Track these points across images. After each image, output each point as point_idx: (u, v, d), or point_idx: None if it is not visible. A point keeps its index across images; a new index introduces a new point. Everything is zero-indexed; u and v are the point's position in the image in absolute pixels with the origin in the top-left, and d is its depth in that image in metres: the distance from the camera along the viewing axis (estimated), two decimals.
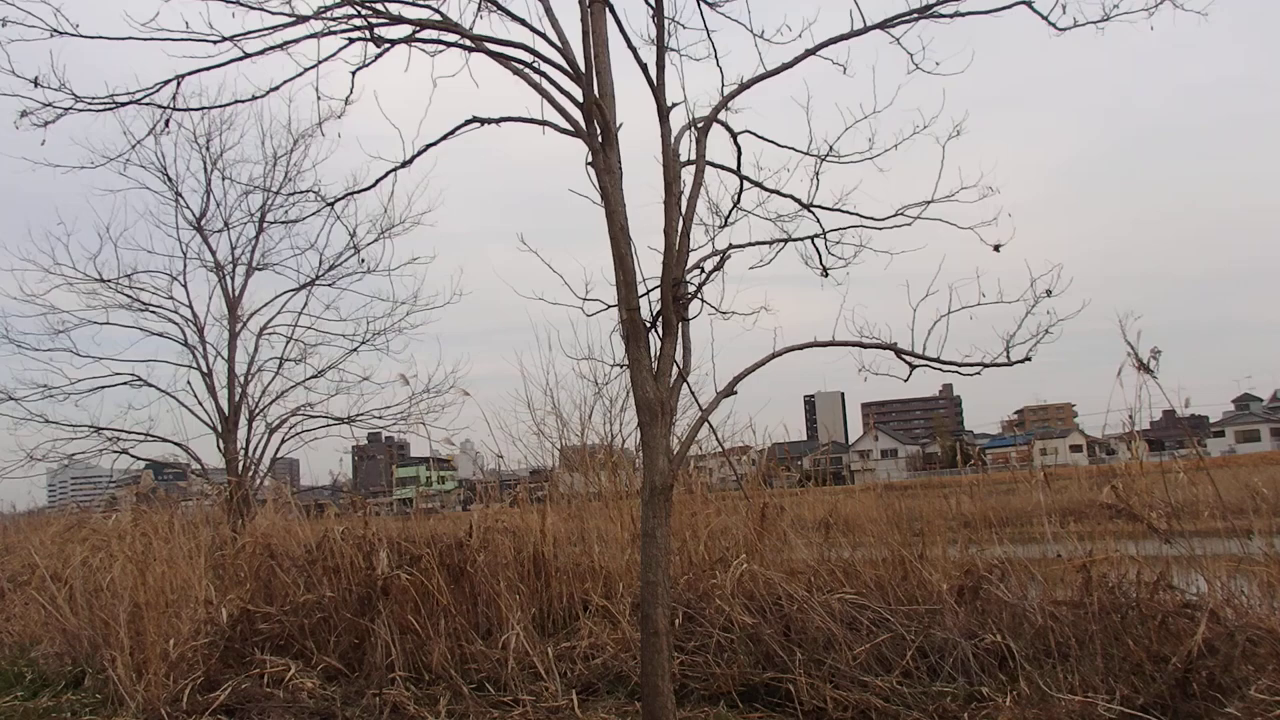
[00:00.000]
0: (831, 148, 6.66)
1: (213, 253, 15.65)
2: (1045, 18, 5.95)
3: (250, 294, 15.86)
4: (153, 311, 15.51)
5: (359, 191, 6.86)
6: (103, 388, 15.16)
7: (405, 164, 6.17)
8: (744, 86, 6.08)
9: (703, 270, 5.97)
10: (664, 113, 5.77)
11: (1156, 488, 7.22)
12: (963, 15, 5.88)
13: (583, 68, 5.52)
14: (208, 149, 15.62)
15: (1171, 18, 5.59)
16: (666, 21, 6.10)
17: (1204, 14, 5.53)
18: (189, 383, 15.30)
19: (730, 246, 6.18)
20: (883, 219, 6.70)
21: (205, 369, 15.35)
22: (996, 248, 6.55)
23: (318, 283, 15.86)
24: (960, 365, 6.06)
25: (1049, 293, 6.05)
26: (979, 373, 6.20)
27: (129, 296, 15.32)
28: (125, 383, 15.21)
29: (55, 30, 5.88)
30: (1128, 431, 7.44)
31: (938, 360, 6.05)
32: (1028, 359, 6.06)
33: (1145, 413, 7.04)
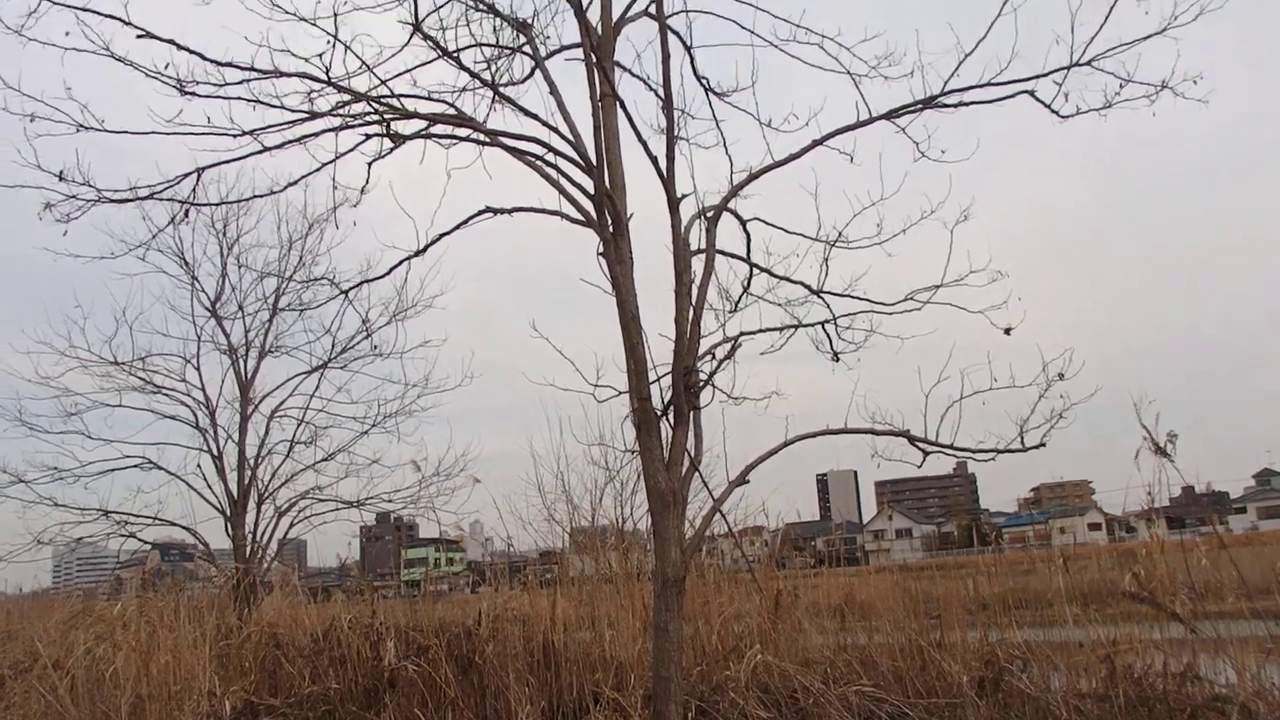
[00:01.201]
0: (840, 234, 6.73)
1: (226, 336, 15.74)
2: (1048, 106, 6.04)
3: (262, 377, 15.88)
4: (165, 394, 15.53)
5: (373, 280, 6.94)
6: (113, 470, 15.11)
7: (419, 253, 6.24)
8: (752, 177, 6.16)
9: (714, 357, 5.97)
10: (674, 204, 5.83)
11: (1178, 569, 7.08)
12: (966, 105, 5.98)
13: (594, 160, 5.60)
14: (224, 234, 15.82)
15: (1173, 104, 5.67)
16: (675, 113, 6.21)
17: (1204, 101, 5.61)
18: (199, 466, 15.24)
19: (741, 334, 6.20)
20: (892, 304, 6.73)
21: (216, 452, 15.31)
22: (1007, 331, 6.56)
23: (329, 366, 15.88)
24: (974, 452, 6.02)
25: (1061, 376, 6.04)
26: (993, 459, 6.15)
27: (142, 379, 15.36)
28: (136, 465, 15.16)
29: (81, 125, 6.02)
30: (1147, 509, 7.34)
31: (951, 447, 6.01)
32: (1042, 444, 6.01)
33: (1164, 490, 6.96)
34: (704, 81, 7.09)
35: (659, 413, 5.57)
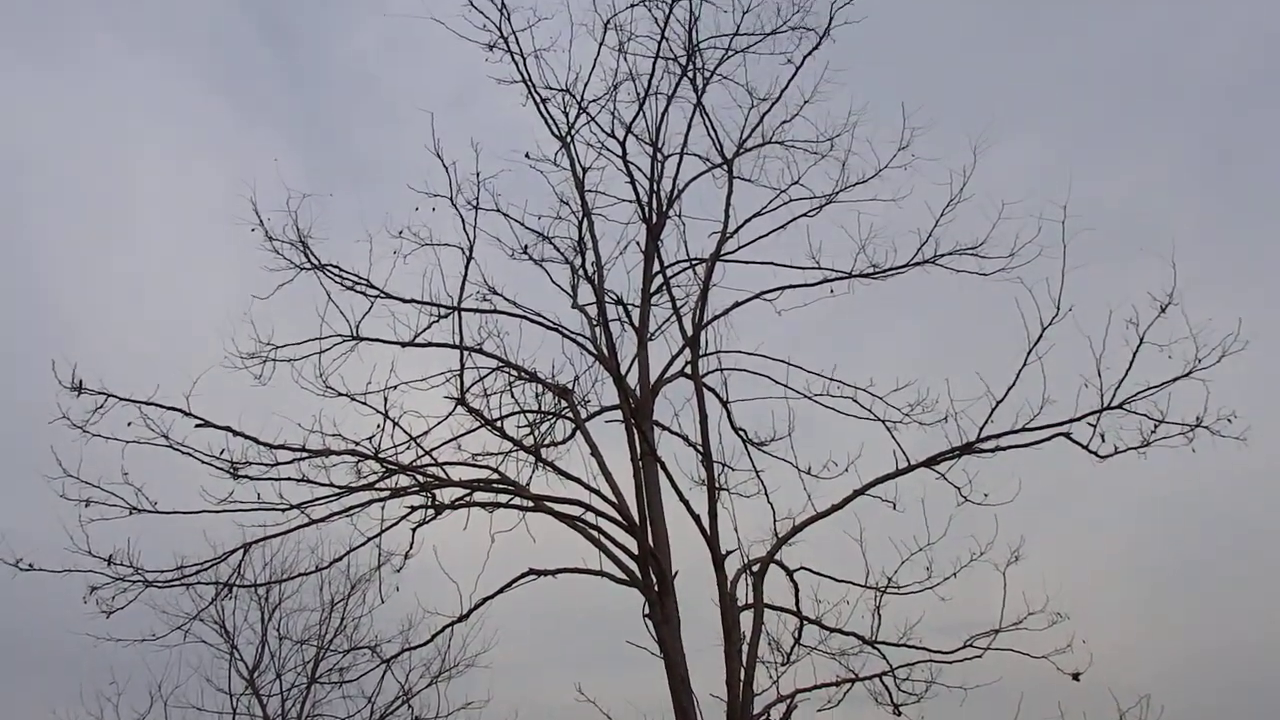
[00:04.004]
0: (890, 580, 6.62)
1: (263, 708, 15.23)
2: (1085, 447, 6.11)
3: None
4: None
5: (415, 648, 6.89)
6: None
7: (462, 618, 6.19)
8: (796, 529, 6.16)
9: None
10: (719, 561, 5.80)
11: None
12: (1003, 449, 6.08)
13: (637, 519, 5.66)
14: (266, 599, 15.80)
15: (1211, 442, 5.71)
16: (715, 466, 6.35)
17: (1242, 439, 5.65)
18: None
19: (797, 692, 5.91)
20: (951, 652, 6.50)
21: None
22: (1076, 676, 6.31)
23: None
24: None
25: None
26: None
27: None
28: None
29: (135, 508, 6.22)
30: None
31: None
32: None
33: None
34: (742, 434, 7.33)
35: None
